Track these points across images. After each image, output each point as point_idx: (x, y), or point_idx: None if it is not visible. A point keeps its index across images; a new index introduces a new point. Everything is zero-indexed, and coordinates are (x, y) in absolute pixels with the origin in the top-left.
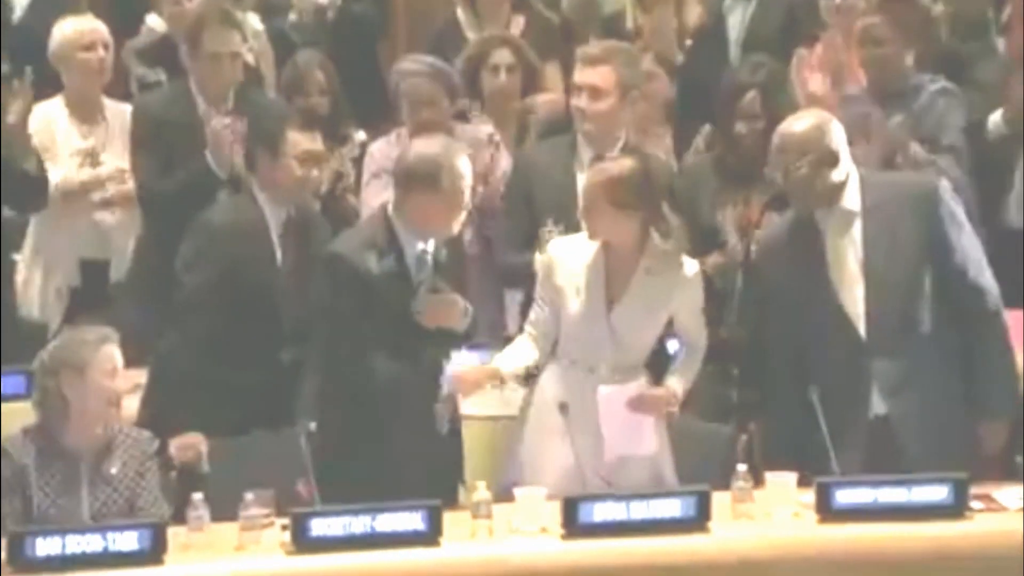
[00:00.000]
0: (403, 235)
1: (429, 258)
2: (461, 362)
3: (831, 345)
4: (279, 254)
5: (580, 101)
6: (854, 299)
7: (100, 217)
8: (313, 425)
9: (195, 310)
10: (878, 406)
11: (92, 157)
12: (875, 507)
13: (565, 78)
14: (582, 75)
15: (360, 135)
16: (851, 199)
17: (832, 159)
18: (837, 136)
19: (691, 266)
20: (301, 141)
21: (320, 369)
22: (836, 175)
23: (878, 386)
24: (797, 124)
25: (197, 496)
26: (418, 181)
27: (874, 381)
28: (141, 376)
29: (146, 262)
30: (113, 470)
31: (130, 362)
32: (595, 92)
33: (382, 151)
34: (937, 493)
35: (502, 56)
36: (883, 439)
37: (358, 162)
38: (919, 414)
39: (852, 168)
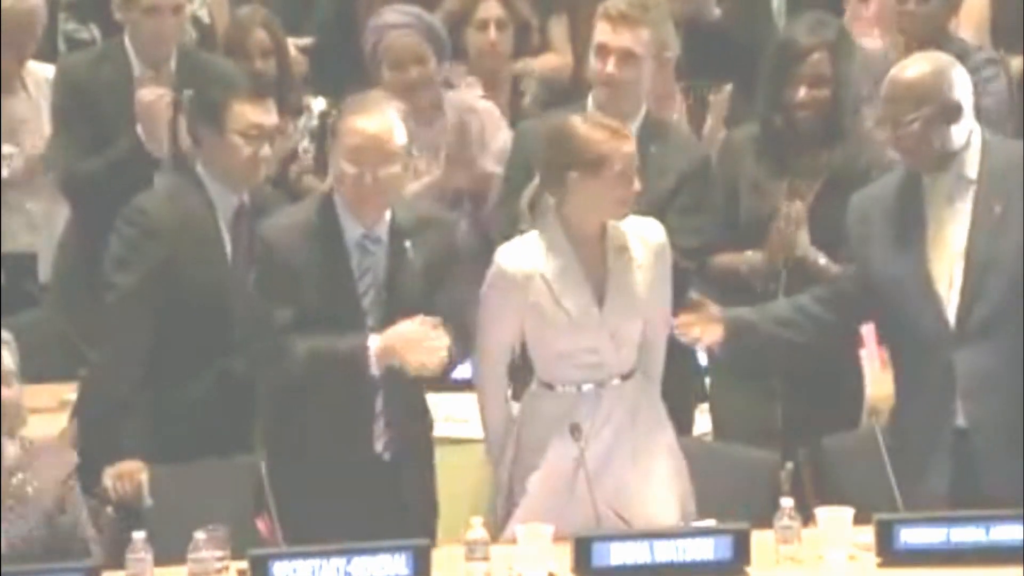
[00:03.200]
0: (343, 217)
1: (371, 245)
2: None
3: (914, 333)
4: (229, 247)
5: (607, 66)
6: (949, 280)
7: (23, 204)
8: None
9: (128, 315)
10: (958, 416)
11: (13, 132)
12: (946, 548)
13: (572, 36)
14: (611, 36)
15: (319, 103)
16: (970, 164)
17: (953, 112)
18: (960, 85)
19: (652, 228)
20: (248, 113)
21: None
22: (956, 133)
23: (959, 385)
24: (911, 69)
25: (138, 535)
26: (344, 152)
27: (957, 379)
28: (71, 391)
29: (72, 257)
30: (29, 489)
31: (62, 375)
32: (627, 57)
33: None
34: (1018, 532)
35: (489, 9)
36: (964, 459)
37: (318, 136)
38: (1002, 427)
39: (976, 127)
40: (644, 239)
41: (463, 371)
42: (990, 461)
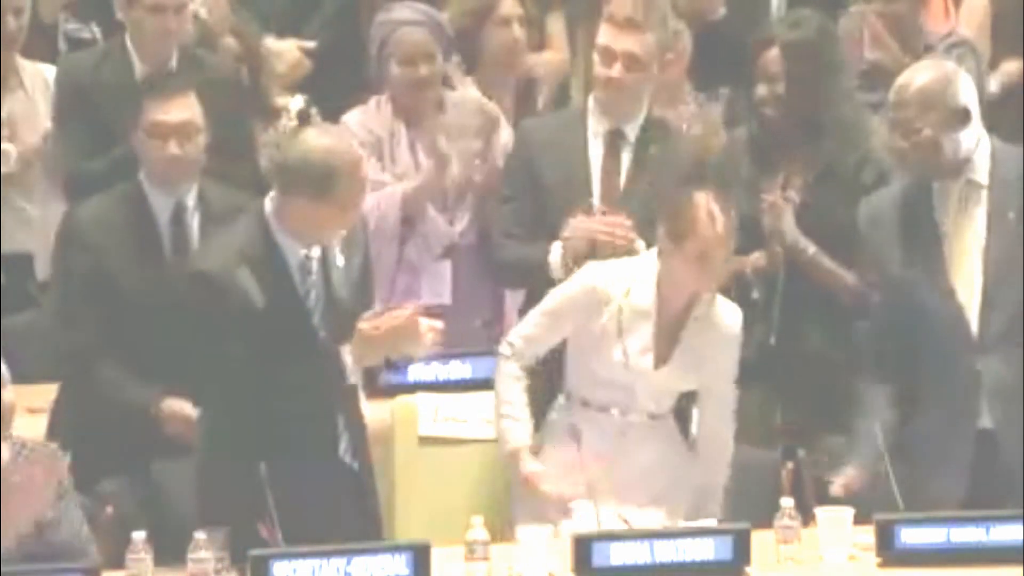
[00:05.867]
0: (283, 241)
1: (314, 264)
2: None
3: (936, 340)
4: (167, 246)
5: (612, 71)
6: (969, 289)
7: (19, 204)
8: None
9: (65, 322)
10: (984, 418)
11: (10, 131)
12: (946, 548)
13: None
14: (616, 41)
15: (296, 102)
16: (979, 170)
17: (962, 118)
18: (966, 91)
19: (734, 315)
20: (149, 111)
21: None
22: (966, 139)
23: (986, 392)
24: (918, 76)
25: (138, 535)
26: (305, 184)
27: (983, 387)
28: None
29: None
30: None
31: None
32: (632, 62)
33: (361, 123)
34: (1018, 532)
35: (511, 7)
36: (987, 458)
37: None
38: None
39: (983, 133)
40: (722, 322)
41: (462, 371)
42: (1013, 463)
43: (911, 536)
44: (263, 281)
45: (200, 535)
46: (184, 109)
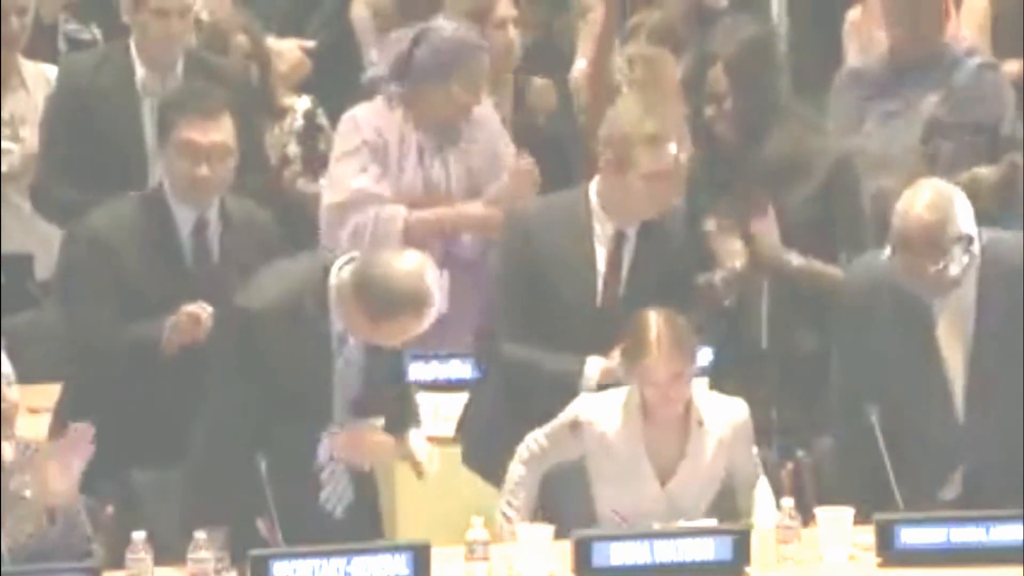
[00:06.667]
0: (333, 313)
1: (352, 339)
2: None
3: (921, 430)
4: (188, 257)
5: (658, 192)
6: (958, 373)
7: (19, 204)
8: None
9: (73, 324)
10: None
11: (10, 131)
12: (946, 548)
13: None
14: (662, 162)
15: (303, 102)
16: (971, 280)
17: (968, 243)
18: (967, 211)
19: (736, 410)
20: (183, 129)
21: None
22: (966, 259)
23: (964, 467)
24: (917, 206)
25: (138, 535)
26: (363, 300)
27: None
28: None
29: None
30: (27, 492)
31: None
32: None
33: (368, 120)
34: (1018, 532)
35: (506, 8)
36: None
37: (304, 137)
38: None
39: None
40: (724, 418)
41: (462, 371)
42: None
43: (911, 536)
44: (298, 334)
45: (200, 535)
46: (219, 130)
